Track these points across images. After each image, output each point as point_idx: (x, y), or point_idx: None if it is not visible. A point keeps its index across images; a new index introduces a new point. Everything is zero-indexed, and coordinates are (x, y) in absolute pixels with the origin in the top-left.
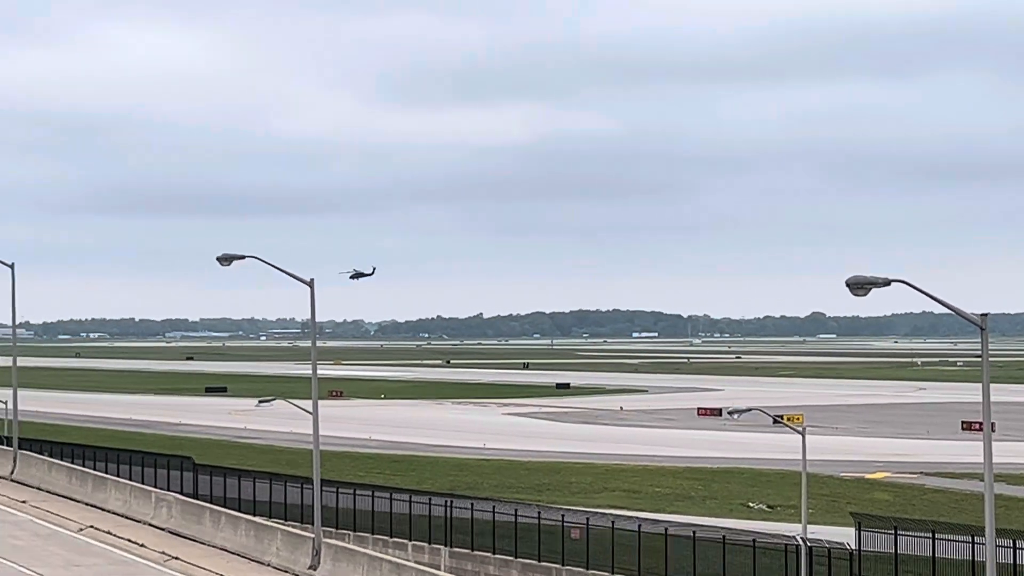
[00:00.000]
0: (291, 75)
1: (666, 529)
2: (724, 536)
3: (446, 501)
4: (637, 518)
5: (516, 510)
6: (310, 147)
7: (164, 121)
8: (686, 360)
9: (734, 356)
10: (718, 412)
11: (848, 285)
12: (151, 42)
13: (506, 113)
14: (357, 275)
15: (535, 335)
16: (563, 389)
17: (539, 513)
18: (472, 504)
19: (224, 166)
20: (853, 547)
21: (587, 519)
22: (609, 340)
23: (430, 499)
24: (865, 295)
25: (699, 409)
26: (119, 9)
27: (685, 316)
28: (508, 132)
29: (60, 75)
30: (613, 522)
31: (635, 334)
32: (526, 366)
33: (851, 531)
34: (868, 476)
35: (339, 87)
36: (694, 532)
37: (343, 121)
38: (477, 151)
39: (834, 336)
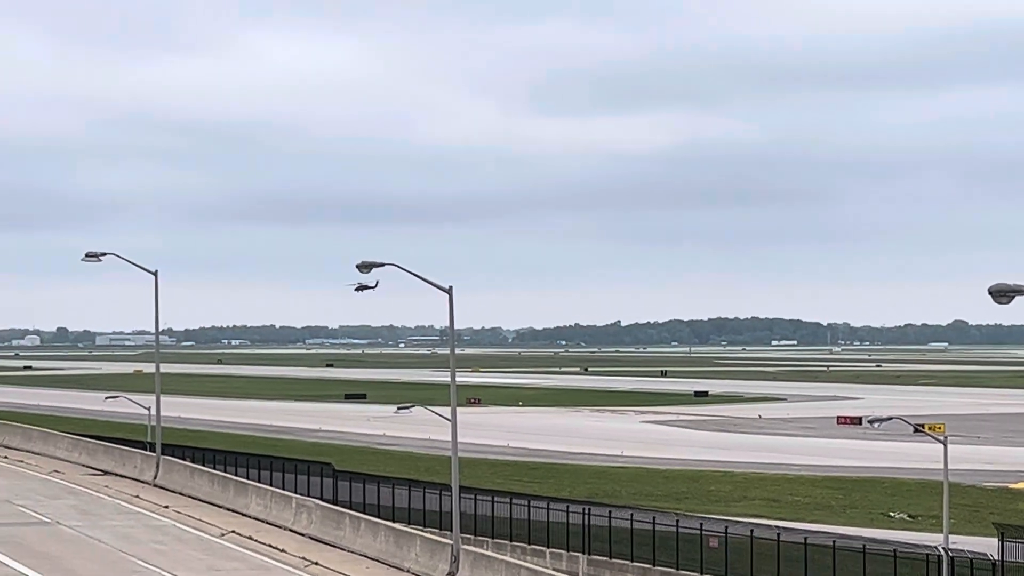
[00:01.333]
0: (435, 83)
1: (805, 538)
2: (864, 546)
3: (584, 508)
4: (776, 527)
5: (654, 518)
6: (452, 155)
7: (308, 129)
8: (825, 368)
9: (874, 364)
10: (858, 421)
11: (991, 293)
12: (297, 51)
13: (647, 120)
14: (361, 287)
15: (673, 343)
16: (701, 397)
17: (677, 521)
18: (610, 512)
19: (367, 174)
20: (995, 558)
21: (726, 528)
22: (748, 348)
23: (568, 506)
24: (1008, 303)
25: (839, 418)
26: (267, 18)
27: (824, 324)
28: (649, 139)
29: (206, 84)
30: (752, 531)
31: (774, 342)
32: (664, 374)
33: (994, 541)
34: (1011, 486)
35: (482, 95)
36: (834, 542)
37: (485, 128)
38: (617, 158)
39: (975, 345)
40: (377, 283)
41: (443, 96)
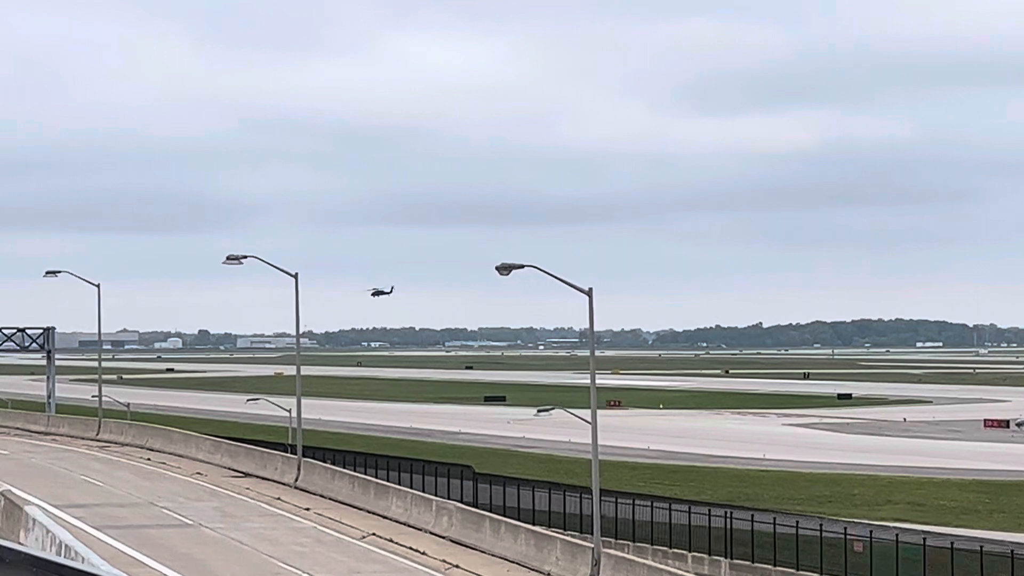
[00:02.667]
0: (581, 83)
1: (952, 543)
2: (1012, 551)
3: (726, 512)
4: (922, 532)
5: (797, 522)
6: (596, 156)
7: (451, 131)
8: (972, 371)
9: (1022, 366)
10: (1005, 424)
11: None
12: (442, 52)
13: (793, 119)
14: (377, 292)
15: (815, 344)
16: (844, 400)
17: (821, 525)
18: (752, 515)
19: (509, 175)
20: None
21: (870, 532)
22: (892, 350)
23: (709, 510)
24: None
25: (986, 421)
26: (412, 20)
27: (971, 326)
28: (795, 139)
29: (350, 86)
30: (897, 535)
31: (919, 344)
32: (806, 376)
33: None
34: None
35: (628, 94)
36: (981, 547)
37: (631, 129)
38: (762, 158)
39: None
40: (392, 289)
41: (589, 96)
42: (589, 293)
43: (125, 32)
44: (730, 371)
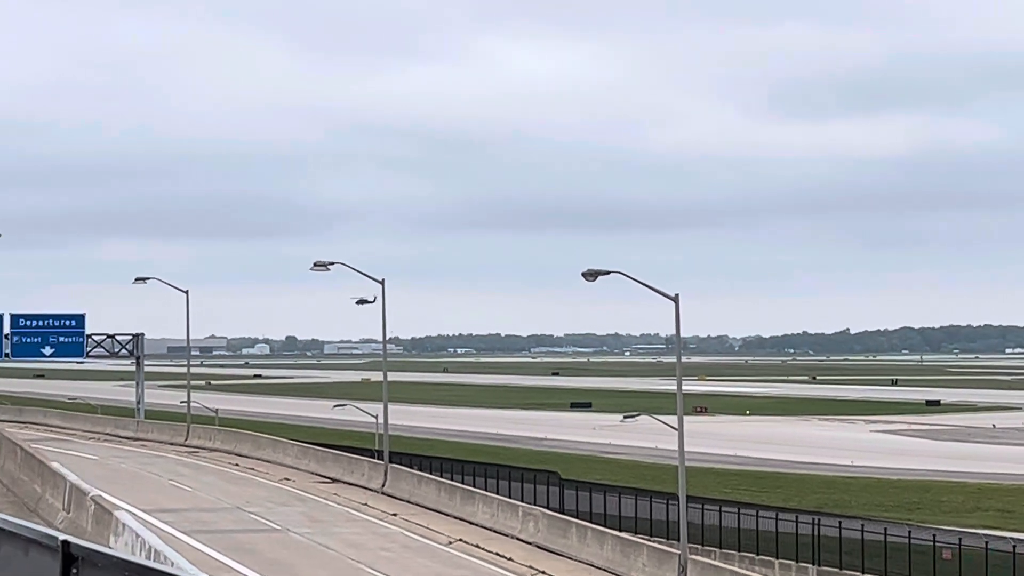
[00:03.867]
0: (672, 87)
1: None
2: None
3: (813, 519)
4: (1012, 539)
5: (885, 529)
6: (686, 160)
7: (539, 136)
8: None
9: None
10: None
11: None
12: (533, 57)
13: (887, 124)
14: (361, 301)
15: (903, 350)
16: (933, 406)
17: (909, 532)
18: (840, 522)
19: (597, 180)
20: None
21: (959, 539)
22: (981, 356)
23: (797, 516)
24: None
25: None
26: (504, 25)
27: None
28: (887, 143)
29: (441, 91)
30: (987, 543)
31: (1008, 350)
32: (894, 382)
33: None
34: None
35: (720, 99)
36: None
37: (721, 133)
38: (854, 163)
39: None
40: (376, 298)
41: (680, 101)
42: (675, 299)
43: (221, 39)
44: (817, 377)
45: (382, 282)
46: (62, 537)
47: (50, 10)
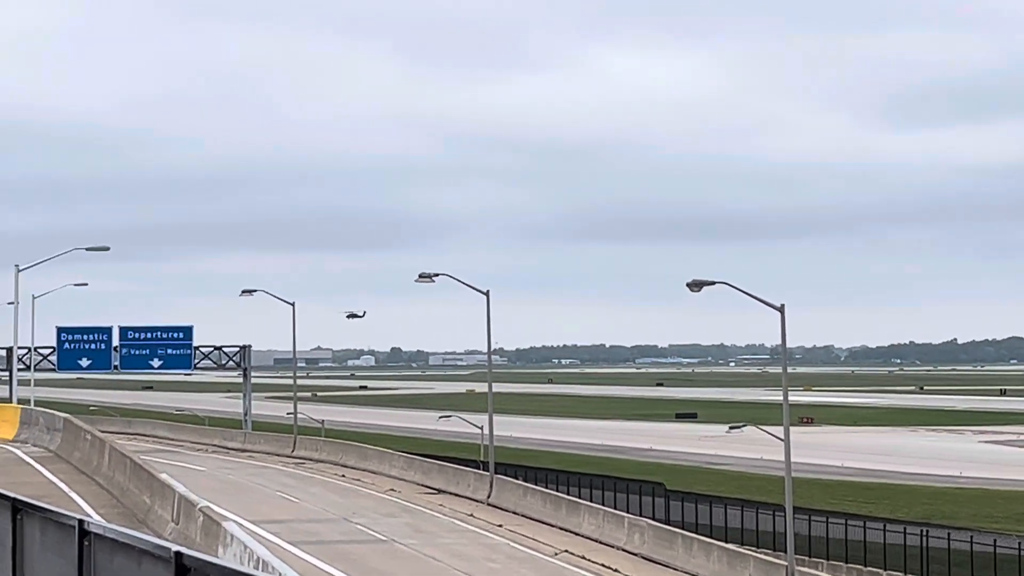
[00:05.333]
0: (782, 96)
1: None
2: None
3: (921, 530)
4: None
5: (995, 540)
6: (794, 169)
7: (647, 145)
8: None
9: None
10: None
11: None
12: (643, 66)
13: (1000, 131)
14: (351, 315)
15: (1012, 360)
16: None
17: (1020, 544)
18: (948, 533)
19: (704, 190)
20: None
21: None
22: None
23: (905, 528)
24: None
25: None
26: (613, 34)
27: None
28: (1000, 151)
29: (549, 101)
30: None
31: None
32: (1003, 392)
33: None
34: None
35: (830, 107)
36: None
37: (831, 142)
38: (966, 171)
39: None
40: (364, 313)
41: (790, 110)
42: (781, 309)
43: (331, 51)
44: (924, 388)
45: (487, 293)
46: (175, 548)
47: (163, 24)
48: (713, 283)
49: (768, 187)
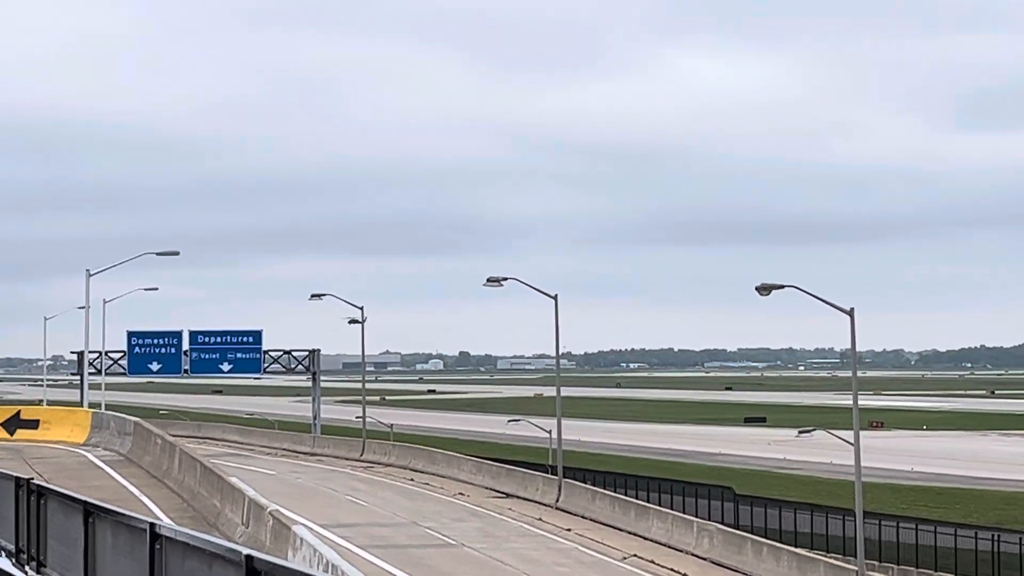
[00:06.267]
0: (856, 100)
1: None
2: None
3: (993, 535)
4: None
5: None
6: (867, 173)
7: (718, 149)
8: None
9: None
10: None
11: None
12: (716, 70)
13: None
14: (352, 321)
15: None
16: None
17: None
18: (1020, 539)
19: (774, 194)
20: None
21: None
22: None
23: (976, 533)
24: None
25: None
26: (686, 38)
27: None
28: None
29: (621, 105)
30: None
31: None
32: None
33: None
34: None
35: (905, 111)
36: None
37: (905, 145)
38: None
39: None
40: (366, 319)
41: (864, 114)
42: (851, 313)
43: (402, 56)
44: (996, 391)
45: (555, 297)
46: (246, 551)
47: (236, 31)
48: (782, 287)
49: (839, 190)
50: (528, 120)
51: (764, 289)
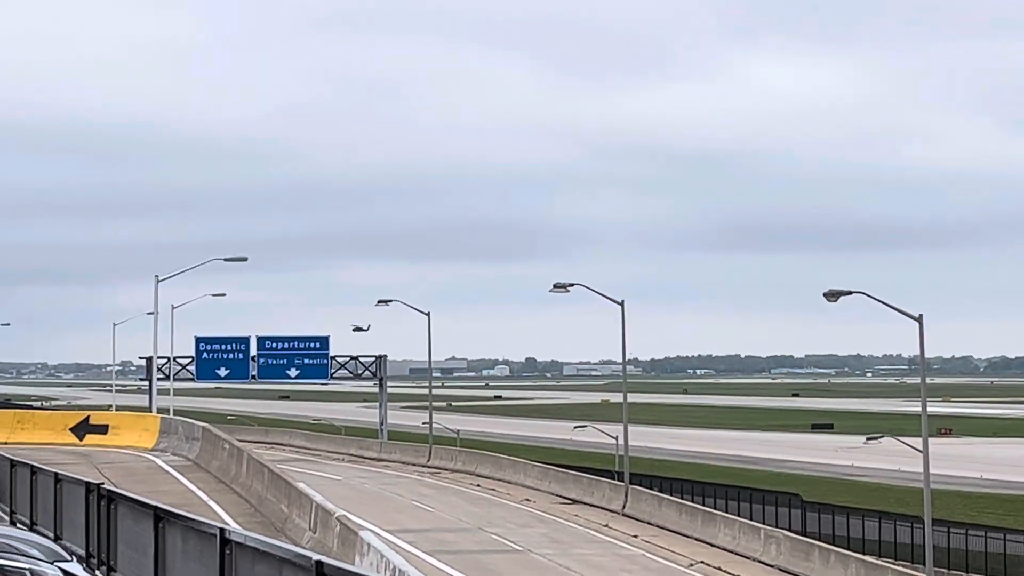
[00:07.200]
0: (928, 104)
1: None
2: None
3: None
4: None
5: None
6: (938, 177)
7: (784, 153)
8: None
9: None
10: None
11: None
12: (786, 74)
13: None
14: (356, 328)
15: None
16: None
17: None
18: None
19: (845, 199)
20: None
21: None
22: None
23: None
24: None
25: None
26: (755, 41)
27: None
28: None
29: (690, 110)
30: None
31: None
32: None
33: None
34: None
35: (975, 113)
36: None
37: (978, 149)
38: None
39: None
40: (369, 327)
41: (936, 117)
42: (919, 319)
43: (472, 60)
44: None
45: (621, 303)
46: (316, 557)
47: (308, 35)
48: (850, 293)
49: (907, 195)
50: (596, 125)
51: (832, 295)
